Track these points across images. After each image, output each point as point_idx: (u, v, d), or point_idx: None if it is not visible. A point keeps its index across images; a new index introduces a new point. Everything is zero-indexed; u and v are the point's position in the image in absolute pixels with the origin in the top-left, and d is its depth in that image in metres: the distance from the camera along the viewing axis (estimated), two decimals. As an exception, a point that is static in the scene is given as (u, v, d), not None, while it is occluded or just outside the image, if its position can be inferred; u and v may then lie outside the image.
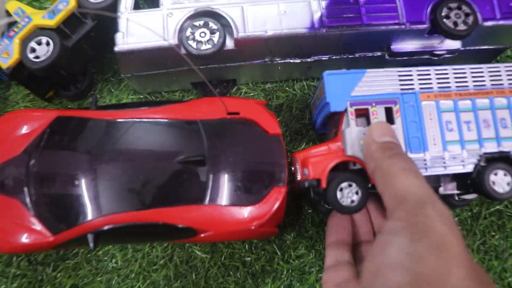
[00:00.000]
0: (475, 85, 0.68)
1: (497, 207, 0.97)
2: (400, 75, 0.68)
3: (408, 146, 0.66)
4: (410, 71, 0.69)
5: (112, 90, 1.13)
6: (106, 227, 0.83)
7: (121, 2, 0.92)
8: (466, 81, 0.68)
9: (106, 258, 1.04)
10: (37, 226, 0.84)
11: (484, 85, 0.69)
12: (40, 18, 0.94)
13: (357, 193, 0.67)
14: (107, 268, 1.03)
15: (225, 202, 0.82)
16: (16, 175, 0.84)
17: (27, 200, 0.84)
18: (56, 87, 1.08)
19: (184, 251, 1.01)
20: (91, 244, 0.84)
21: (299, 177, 0.78)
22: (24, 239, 0.84)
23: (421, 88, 0.68)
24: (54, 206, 0.84)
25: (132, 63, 0.92)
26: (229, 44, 0.88)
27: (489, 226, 0.97)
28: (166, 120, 0.89)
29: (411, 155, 0.67)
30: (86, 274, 1.02)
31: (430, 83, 0.68)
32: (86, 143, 0.87)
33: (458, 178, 0.72)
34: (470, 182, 0.68)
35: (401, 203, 0.50)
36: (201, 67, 0.94)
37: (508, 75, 0.69)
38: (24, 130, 0.89)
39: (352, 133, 0.64)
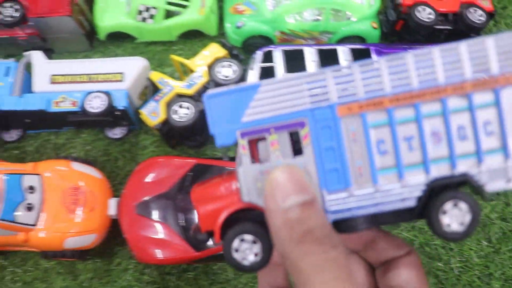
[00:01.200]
0: (420, 82, 0.41)
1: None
2: (308, 82, 0.41)
3: (323, 183, 0.42)
4: (323, 73, 0.42)
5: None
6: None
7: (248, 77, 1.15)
8: (406, 78, 0.41)
9: (219, 271, 1.33)
10: (183, 244, 1.14)
11: (434, 79, 0.41)
12: (179, 87, 1.25)
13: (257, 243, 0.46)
14: (220, 279, 1.32)
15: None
16: (166, 206, 1.15)
17: (175, 225, 1.14)
18: (181, 138, 1.41)
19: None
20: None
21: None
22: (174, 253, 1.14)
23: (339, 98, 0.41)
24: (196, 230, 1.15)
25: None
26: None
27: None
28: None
29: (328, 196, 0.42)
30: (204, 284, 1.31)
31: (353, 89, 0.42)
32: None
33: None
34: (414, 218, 0.44)
35: None
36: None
37: (471, 58, 0.40)
38: (168, 172, 1.20)
39: (247, 173, 0.42)
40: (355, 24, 1.36)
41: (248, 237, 0.42)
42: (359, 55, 1.29)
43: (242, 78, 1.17)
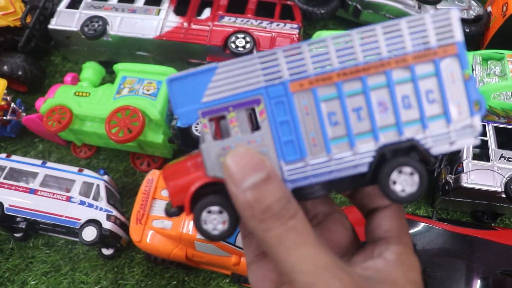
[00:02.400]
0: (365, 57, 0.44)
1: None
2: (262, 62, 0.45)
3: (280, 154, 0.46)
4: (275, 53, 0.45)
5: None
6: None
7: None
8: (352, 53, 0.45)
9: None
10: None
11: (378, 53, 0.45)
12: None
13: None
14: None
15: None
16: None
17: None
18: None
19: None
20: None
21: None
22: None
23: (291, 75, 0.45)
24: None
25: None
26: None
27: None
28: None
29: (286, 167, 0.46)
30: None
31: (303, 66, 0.45)
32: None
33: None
34: (368, 181, 0.48)
35: (290, 283, 0.39)
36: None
37: (411, 33, 0.44)
38: None
39: (210, 150, 0.45)
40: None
41: (214, 208, 0.45)
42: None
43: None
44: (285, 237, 0.39)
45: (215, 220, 0.45)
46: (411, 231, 1.11)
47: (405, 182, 0.44)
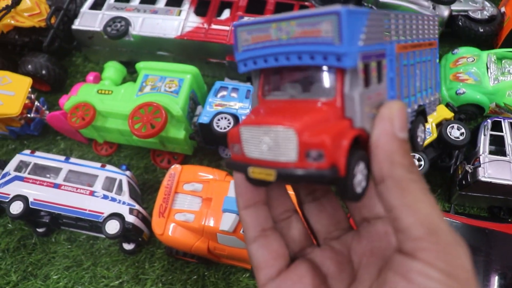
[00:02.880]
0: (416, 37, 0.53)
1: None
2: (388, 19, 0.47)
3: (389, 96, 0.47)
4: (393, 15, 0.48)
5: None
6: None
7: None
8: (414, 33, 0.52)
9: None
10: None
11: (422, 38, 0.54)
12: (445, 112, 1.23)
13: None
14: None
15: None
16: None
17: None
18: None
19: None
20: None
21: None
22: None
23: (399, 37, 0.48)
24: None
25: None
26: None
27: None
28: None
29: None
30: None
31: (406, 31, 0.49)
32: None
33: None
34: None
35: (433, 240, 0.38)
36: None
37: (429, 26, 0.56)
38: None
39: (363, 97, 0.42)
40: None
41: (363, 165, 0.41)
42: None
43: (470, 140, 1.21)
44: (428, 194, 0.39)
45: (362, 175, 0.41)
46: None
47: (422, 133, 0.54)
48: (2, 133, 1.31)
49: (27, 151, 1.17)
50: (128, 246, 1.12)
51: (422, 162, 1.19)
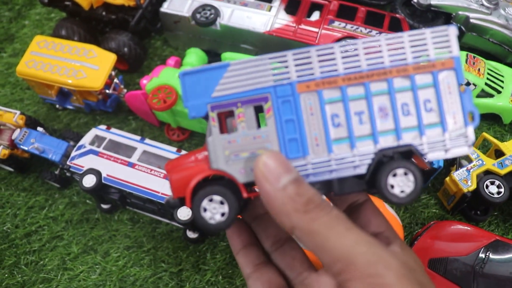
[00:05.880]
0: (368, 65, 0.47)
1: None
2: (272, 63, 0.47)
3: (284, 151, 0.47)
4: (285, 56, 0.47)
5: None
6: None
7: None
8: (357, 61, 0.47)
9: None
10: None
11: (381, 62, 0.47)
12: (491, 165, 1.19)
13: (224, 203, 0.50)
14: None
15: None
16: (464, 270, 1.12)
17: None
18: (472, 208, 1.27)
19: None
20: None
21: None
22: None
23: (298, 77, 0.47)
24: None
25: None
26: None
27: None
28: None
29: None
30: None
31: (311, 69, 0.47)
32: None
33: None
34: (365, 185, 0.50)
35: (351, 270, 0.38)
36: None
37: (412, 46, 0.47)
38: (463, 238, 1.14)
39: (216, 142, 0.47)
40: None
41: (217, 197, 0.46)
42: None
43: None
44: (335, 223, 0.40)
45: (215, 209, 0.46)
46: (506, 256, 1.11)
47: (402, 183, 0.46)
48: (77, 106, 1.32)
49: (103, 126, 1.18)
50: (192, 235, 1.11)
51: (502, 189, 1.15)
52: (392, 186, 0.46)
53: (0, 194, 1.24)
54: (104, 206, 1.17)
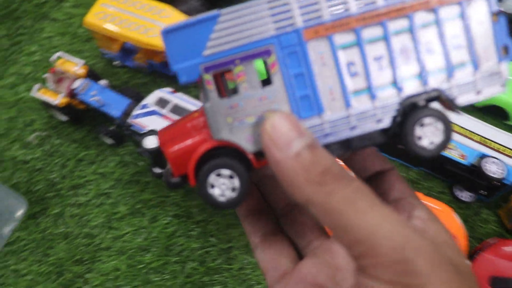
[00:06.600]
0: (385, 0, 0.40)
1: None
2: (271, 7, 0.40)
3: (296, 111, 0.41)
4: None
5: None
6: None
7: None
8: None
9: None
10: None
11: None
12: None
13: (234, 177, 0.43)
14: None
15: None
16: None
17: None
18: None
19: None
20: None
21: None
22: None
23: (304, 21, 0.40)
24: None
25: None
26: None
27: None
28: None
29: (302, 123, 0.40)
30: None
31: (318, 11, 0.40)
32: None
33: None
34: (391, 139, 0.43)
35: (375, 255, 0.33)
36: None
37: None
38: None
39: (216, 109, 0.40)
40: None
41: (226, 171, 0.40)
42: None
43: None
44: (356, 198, 0.33)
45: (224, 185, 0.40)
46: None
47: (430, 133, 0.40)
48: (138, 65, 1.29)
49: (168, 89, 1.14)
50: (158, 170, 1.08)
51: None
52: (420, 138, 0.40)
53: (50, 142, 1.21)
54: (157, 171, 1.13)
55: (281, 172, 0.35)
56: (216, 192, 0.40)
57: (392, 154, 1.24)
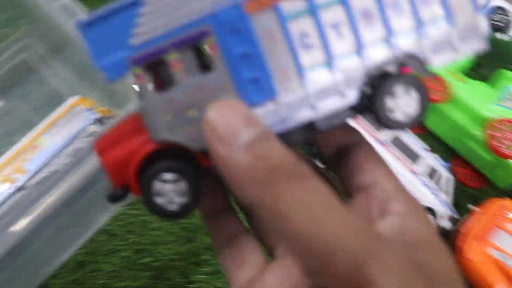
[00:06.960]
0: None
1: None
2: None
3: (244, 97, 0.35)
4: None
5: None
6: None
7: None
8: None
9: None
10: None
11: None
12: None
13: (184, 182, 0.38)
14: None
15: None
16: None
17: None
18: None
19: None
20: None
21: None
22: None
23: None
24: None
25: None
26: None
27: None
28: None
29: (254, 111, 0.35)
30: None
31: None
32: None
33: None
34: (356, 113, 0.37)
35: (331, 273, 0.27)
36: None
37: None
38: None
39: (152, 106, 0.35)
40: None
41: (169, 176, 0.35)
42: None
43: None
44: (310, 201, 0.28)
45: (171, 191, 0.35)
46: None
47: (404, 103, 0.35)
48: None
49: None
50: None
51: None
52: (392, 110, 0.35)
53: None
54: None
55: (225, 171, 0.29)
56: (161, 201, 0.35)
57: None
